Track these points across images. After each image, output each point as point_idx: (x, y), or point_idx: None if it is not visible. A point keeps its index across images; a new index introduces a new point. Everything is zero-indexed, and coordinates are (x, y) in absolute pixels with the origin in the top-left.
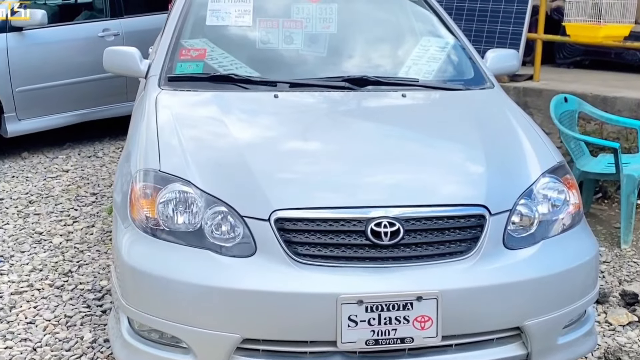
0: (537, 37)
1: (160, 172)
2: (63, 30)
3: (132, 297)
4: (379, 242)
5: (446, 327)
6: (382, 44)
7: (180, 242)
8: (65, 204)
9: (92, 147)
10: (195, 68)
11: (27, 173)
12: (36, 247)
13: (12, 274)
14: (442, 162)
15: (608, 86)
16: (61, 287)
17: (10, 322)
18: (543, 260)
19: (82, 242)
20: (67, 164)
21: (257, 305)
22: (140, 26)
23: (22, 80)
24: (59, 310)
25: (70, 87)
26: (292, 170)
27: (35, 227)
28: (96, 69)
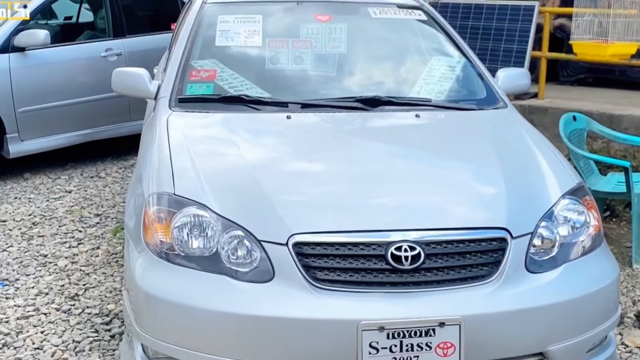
0: (542, 55)
1: (174, 195)
2: (66, 50)
3: (147, 324)
4: (400, 267)
5: (469, 354)
6: (393, 64)
7: (196, 267)
8: (69, 225)
9: (94, 167)
10: (206, 89)
11: (30, 194)
12: (41, 270)
13: (18, 297)
14: (460, 184)
15: (613, 104)
16: (68, 311)
17: (18, 347)
18: (566, 284)
19: (88, 264)
20: (69, 185)
21: (275, 332)
22: (143, 46)
23: (24, 101)
24: (66, 335)
25: (72, 107)
26: (309, 194)
27: (40, 249)
28: (99, 88)
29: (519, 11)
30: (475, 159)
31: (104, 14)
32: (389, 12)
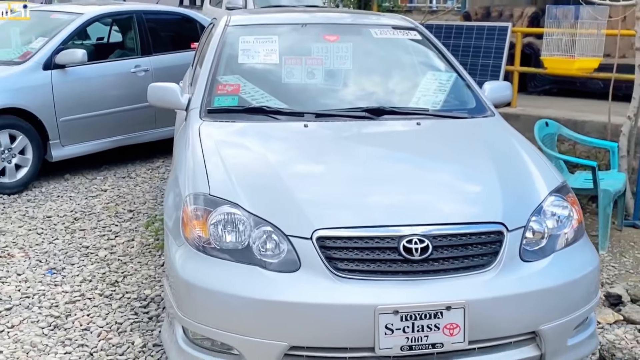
0: (514, 69)
1: (210, 195)
2: (100, 67)
3: (187, 309)
4: (411, 258)
5: (472, 333)
6: (393, 78)
7: (230, 259)
8: (107, 220)
9: (125, 169)
10: (231, 101)
11: (70, 193)
12: (84, 260)
13: (65, 284)
14: (461, 184)
15: (577, 111)
16: (110, 296)
17: (67, 329)
18: (555, 272)
19: (125, 254)
20: (105, 184)
21: (303, 316)
22: (167, 63)
23: (65, 111)
24: (110, 317)
25: (106, 117)
26: (328, 193)
27: (82, 241)
28: (129, 100)
29: (495, 31)
30: (472, 161)
31: (133, 35)
32: (388, 32)
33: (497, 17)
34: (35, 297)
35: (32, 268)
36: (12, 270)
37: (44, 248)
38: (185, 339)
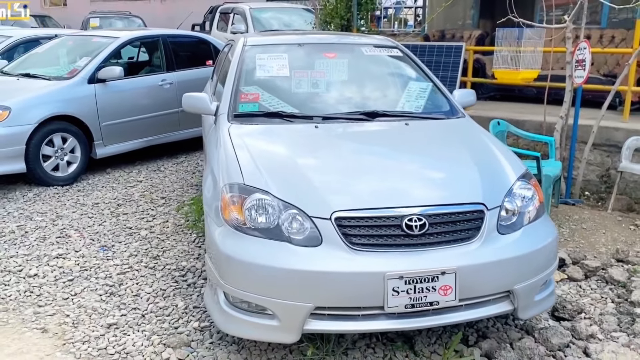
0: (467, 79)
1: (244, 184)
2: (134, 81)
3: (228, 278)
4: (411, 233)
5: (461, 293)
6: (382, 87)
7: (263, 236)
8: (144, 205)
9: (155, 164)
10: (253, 107)
11: (112, 184)
12: (129, 238)
13: (116, 259)
14: (447, 171)
15: (517, 113)
16: (153, 268)
17: (121, 295)
18: (525, 242)
19: (162, 233)
20: (139, 176)
21: (325, 282)
22: (187, 77)
23: (106, 117)
24: (155, 285)
25: (139, 122)
26: (342, 181)
27: (126, 223)
28: (157, 107)
29: (452, 49)
30: (454, 154)
31: (159, 54)
32: (376, 50)
33: (450, 38)
34: (91, 269)
35: (87, 246)
36: (70, 248)
37: (95, 229)
38: (226, 302)
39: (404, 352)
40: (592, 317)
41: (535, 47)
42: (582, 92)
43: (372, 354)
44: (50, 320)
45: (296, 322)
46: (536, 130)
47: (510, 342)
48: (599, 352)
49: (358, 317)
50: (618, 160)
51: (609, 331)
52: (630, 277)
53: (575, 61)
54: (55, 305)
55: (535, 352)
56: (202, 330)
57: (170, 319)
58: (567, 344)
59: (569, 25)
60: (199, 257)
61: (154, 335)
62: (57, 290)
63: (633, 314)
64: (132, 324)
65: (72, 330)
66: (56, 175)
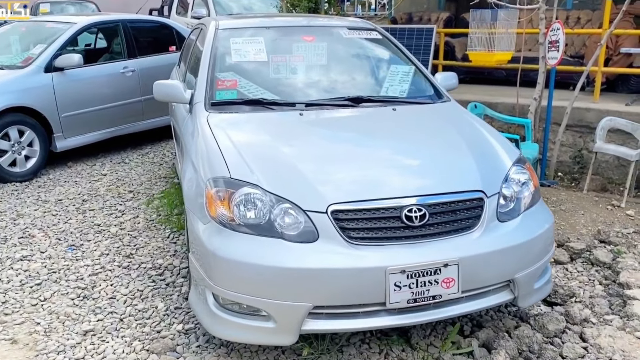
0: (439, 62)
1: (231, 178)
2: (94, 69)
3: (218, 279)
4: (411, 224)
5: (464, 285)
6: (364, 71)
7: (254, 233)
8: (111, 200)
9: (119, 156)
10: (231, 95)
11: (75, 178)
12: (98, 236)
13: (86, 259)
14: (444, 158)
15: (489, 95)
16: (127, 267)
17: (95, 298)
18: (525, 229)
19: (133, 229)
20: (104, 169)
21: (324, 279)
22: (149, 64)
23: (65, 108)
24: (131, 285)
25: (101, 112)
26: (335, 171)
27: (93, 220)
28: (119, 97)
29: (423, 32)
30: (448, 140)
31: (120, 40)
32: (354, 33)
33: (418, 21)
34: (60, 271)
35: (53, 246)
36: (35, 249)
37: (61, 228)
38: (216, 304)
39: (400, 346)
40: (582, 301)
41: (509, 28)
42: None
43: (368, 349)
44: (19, 329)
45: (293, 323)
46: (509, 113)
47: (506, 330)
48: (595, 337)
49: (358, 314)
50: (591, 141)
51: (602, 314)
52: (615, 259)
53: (548, 42)
54: (24, 313)
55: (534, 340)
56: (187, 333)
57: (151, 322)
58: (562, 330)
59: (541, 6)
60: (176, 253)
61: (136, 340)
62: (25, 296)
63: (623, 296)
64: (110, 330)
65: (45, 340)
66: (14, 171)
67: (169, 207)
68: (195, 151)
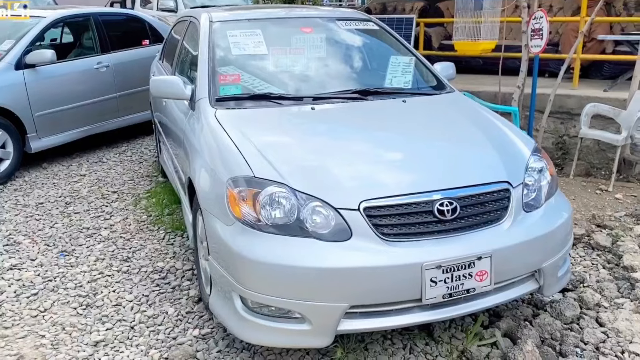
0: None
1: (255, 177)
2: (67, 65)
3: (248, 282)
4: (443, 218)
5: (496, 277)
6: (365, 63)
7: (282, 233)
8: (96, 202)
9: (95, 155)
10: (235, 90)
11: (53, 180)
12: (90, 240)
13: (81, 265)
14: (466, 150)
15: (469, 84)
16: (127, 272)
17: (100, 306)
18: (550, 218)
19: (125, 232)
20: (82, 170)
21: (361, 278)
22: (123, 59)
23: (39, 107)
24: (135, 291)
25: (76, 109)
26: (362, 168)
27: (81, 223)
28: (94, 93)
29: (402, 22)
30: (465, 131)
31: (91, 34)
32: (351, 24)
33: (392, 11)
34: (56, 279)
35: (43, 252)
36: (24, 256)
37: (47, 233)
38: (244, 308)
39: (422, 340)
40: (591, 286)
41: (493, 17)
42: (528, 62)
43: (391, 345)
44: (24, 343)
45: (330, 324)
46: (491, 101)
47: (525, 319)
48: (612, 322)
49: (391, 312)
50: (572, 127)
51: (612, 298)
52: (614, 242)
53: (531, 30)
54: (25, 326)
55: (555, 327)
56: (204, 338)
57: (164, 328)
58: (579, 316)
59: None
60: (175, 255)
61: (152, 349)
62: (22, 308)
63: (630, 279)
64: (122, 339)
65: (54, 354)
66: None
67: (158, 207)
68: (207, 150)
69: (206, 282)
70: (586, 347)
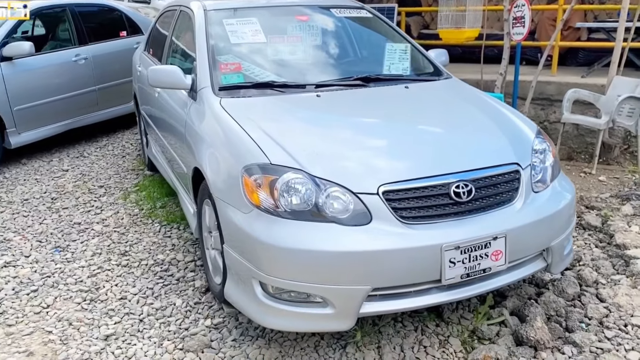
0: None
1: (272, 164)
2: (45, 57)
3: (269, 268)
4: (459, 200)
5: (510, 256)
6: (362, 50)
7: (302, 219)
8: (83, 197)
9: (76, 149)
10: (238, 78)
11: (35, 175)
12: (83, 235)
13: (79, 260)
14: (475, 134)
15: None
16: (127, 265)
17: (104, 300)
18: (556, 197)
19: (119, 226)
20: (63, 165)
21: (382, 261)
22: (102, 50)
23: (18, 101)
24: (138, 284)
25: (56, 103)
26: (377, 152)
27: (71, 218)
28: (73, 86)
29: (384, 11)
30: (471, 115)
31: (68, 26)
32: (345, 11)
33: (369, 0)
34: (55, 275)
35: (36, 249)
36: (17, 253)
37: (37, 229)
38: (265, 294)
39: (433, 322)
40: (586, 264)
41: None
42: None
43: (403, 327)
44: (31, 340)
45: (352, 307)
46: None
47: (529, 297)
48: (613, 297)
49: (409, 293)
50: (552, 113)
51: (608, 275)
52: (605, 222)
53: (513, 18)
54: (29, 322)
55: (559, 305)
56: (217, 327)
57: (175, 319)
58: (580, 293)
59: None
60: (175, 247)
61: (165, 340)
62: (24, 305)
63: (624, 256)
64: (132, 332)
65: (64, 349)
66: None
67: (149, 200)
68: (216, 139)
69: (214, 272)
70: (591, 322)
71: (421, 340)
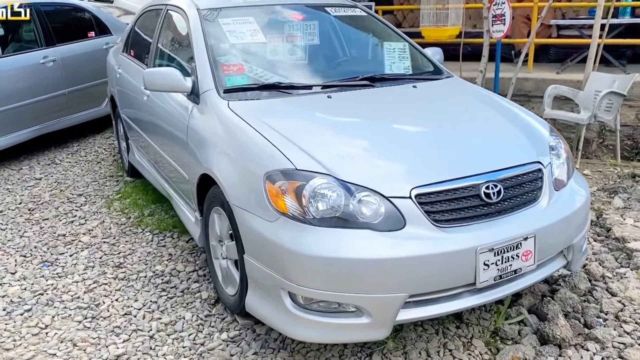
0: None
1: (297, 170)
2: (11, 60)
3: (300, 277)
4: (489, 201)
5: (539, 255)
6: (361, 49)
7: (331, 226)
8: (63, 207)
9: (46, 156)
10: (242, 80)
11: (5, 185)
12: (71, 248)
13: (71, 275)
14: (495, 134)
15: None
16: (125, 278)
17: (107, 317)
18: (576, 195)
19: (107, 236)
20: (35, 173)
21: (420, 267)
22: (71, 52)
23: None
24: (140, 298)
25: (24, 108)
26: (404, 154)
27: (54, 230)
28: (42, 90)
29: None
30: (486, 115)
31: (33, 26)
32: (340, 10)
33: None
34: (48, 292)
35: (21, 265)
36: (1, 270)
37: (19, 242)
38: (295, 306)
39: (453, 324)
40: (590, 258)
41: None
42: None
43: (424, 331)
44: None
45: (389, 315)
46: None
47: (543, 295)
48: (624, 291)
49: (442, 298)
50: (531, 109)
51: (613, 269)
52: (599, 217)
53: (492, 16)
54: (29, 345)
55: (575, 301)
56: (234, 341)
57: (187, 334)
58: (591, 288)
59: None
60: (172, 257)
61: (182, 357)
62: (19, 326)
63: (625, 249)
64: (144, 350)
65: None
66: None
67: (135, 208)
68: (231, 144)
69: (225, 283)
70: (607, 317)
71: (445, 344)
